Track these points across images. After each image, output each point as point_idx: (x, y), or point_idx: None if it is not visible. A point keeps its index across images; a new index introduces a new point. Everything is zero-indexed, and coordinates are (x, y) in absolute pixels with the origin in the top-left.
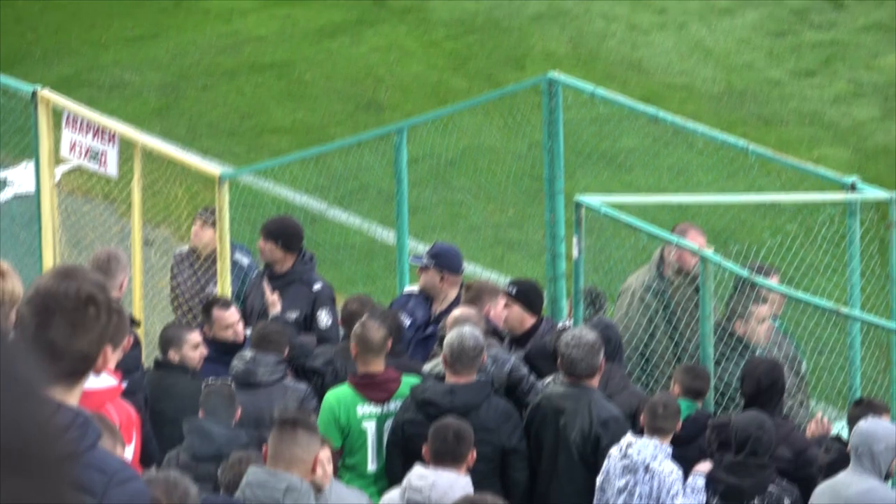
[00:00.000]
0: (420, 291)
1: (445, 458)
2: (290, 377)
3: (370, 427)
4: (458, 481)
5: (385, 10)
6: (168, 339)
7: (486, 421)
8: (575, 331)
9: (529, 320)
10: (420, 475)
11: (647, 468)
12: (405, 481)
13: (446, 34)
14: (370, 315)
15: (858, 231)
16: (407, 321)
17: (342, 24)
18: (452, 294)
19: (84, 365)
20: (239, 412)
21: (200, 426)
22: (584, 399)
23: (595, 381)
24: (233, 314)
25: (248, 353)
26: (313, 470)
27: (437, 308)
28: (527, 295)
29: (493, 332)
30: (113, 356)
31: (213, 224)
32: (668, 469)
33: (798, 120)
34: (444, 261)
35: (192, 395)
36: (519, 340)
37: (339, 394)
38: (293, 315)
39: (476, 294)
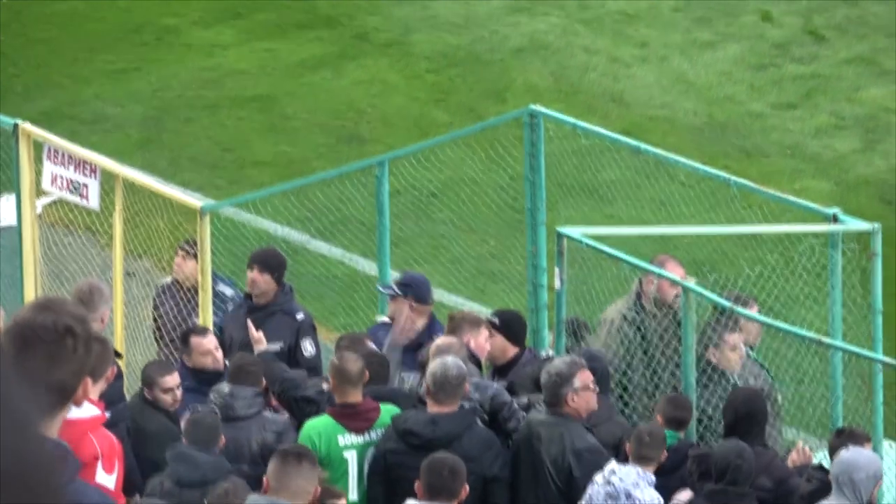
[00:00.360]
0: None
1: (441, 493)
2: (269, 410)
3: (351, 457)
4: None
5: (367, 43)
6: (145, 379)
7: (468, 450)
8: (556, 362)
9: (512, 350)
10: None
11: (628, 495)
12: None
13: (428, 67)
14: (347, 347)
15: (840, 262)
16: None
17: (324, 57)
18: (420, 323)
19: (62, 397)
20: (223, 441)
21: (185, 453)
22: (560, 428)
23: (571, 409)
24: (210, 340)
25: (225, 387)
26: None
27: (401, 336)
28: (509, 325)
29: (472, 360)
30: (95, 387)
31: (195, 256)
32: (650, 497)
33: (780, 152)
34: (414, 290)
35: (165, 433)
36: (501, 370)
37: (319, 424)
38: (277, 346)
39: (457, 324)
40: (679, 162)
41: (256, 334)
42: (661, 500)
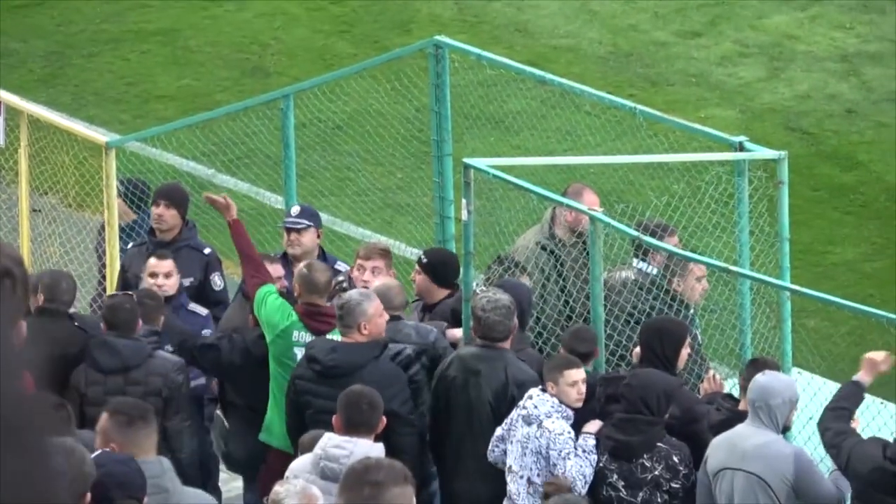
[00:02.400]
0: (281, 257)
1: (359, 427)
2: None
3: (299, 354)
4: (373, 449)
5: None
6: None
7: (367, 383)
8: (489, 294)
9: (440, 293)
10: (337, 444)
11: (540, 424)
12: (319, 451)
13: None
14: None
15: (747, 190)
16: None
17: None
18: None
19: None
20: (140, 324)
21: (105, 341)
22: (500, 361)
23: (508, 344)
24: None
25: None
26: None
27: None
28: (434, 268)
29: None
30: (24, 325)
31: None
32: (560, 429)
33: (684, 81)
34: (319, 219)
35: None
36: (430, 308)
37: (288, 309)
38: (187, 281)
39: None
40: (584, 91)
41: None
42: (572, 433)
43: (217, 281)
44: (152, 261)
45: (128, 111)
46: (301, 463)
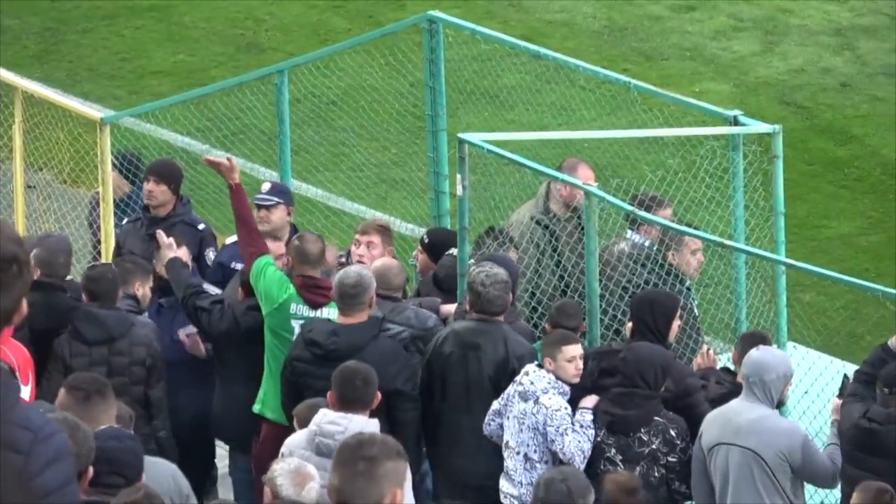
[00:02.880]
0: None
1: (354, 403)
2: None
3: (296, 326)
4: (368, 425)
5: None
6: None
7: (369, 362)
8: (486, 268)
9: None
10: (331, 420)
11: (536, 400)
12: (314, 426)
13: None
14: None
15: (741, 164)
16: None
17: None
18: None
19: (6, 321)
20: (120, 293)
21: (89, 312)
22: (499, 335)
23: (503, 317)
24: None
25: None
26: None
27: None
28: (435, 248)
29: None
30: (25, 308)
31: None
32: (557, 405)
33: (679, 55)
34: (289, 196)
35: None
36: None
37: (287, 282)
38: (230, 240)
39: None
40: (579, 66)
41: (167, 240)
42: (569, 409)
43: (211, 256)
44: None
45: (122, 87)
46: (297, 439)
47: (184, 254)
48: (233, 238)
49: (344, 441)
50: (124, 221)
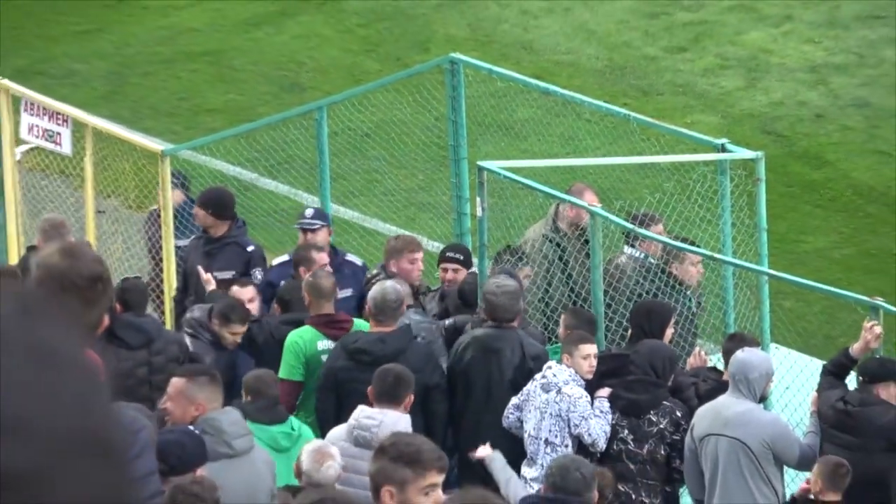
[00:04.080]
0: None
1: (389, 399)
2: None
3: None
4: (401, 420)
5: (304, 1)
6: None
7: (413, 363)
8: (498, 279)
9: None
10: (368, 415)
11: (559, 390)
12: (352, 420)
13: (359, 22)
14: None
15: (729, 187)
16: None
17: (266, 15)
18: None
19: (92, 334)
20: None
21: (127, 320)
22: (515, 339)
23: (517, 323)
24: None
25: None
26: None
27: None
28: (470, 259)
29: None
30: (105, 320)
31: (180, 185)
32: (578, 393)
33: (672, 90)
34: (329, 220)
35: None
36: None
37: (302, 333)
38: (229, 274)
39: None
40: (584, 101)
41: (206, 276)
42: (588, 397)
43: (258, 275)
44: (235, 287)
45: (180, 123)
46: (338, 431)
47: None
48: (281, 258)
49: (385, 438)
50: (191, 238)
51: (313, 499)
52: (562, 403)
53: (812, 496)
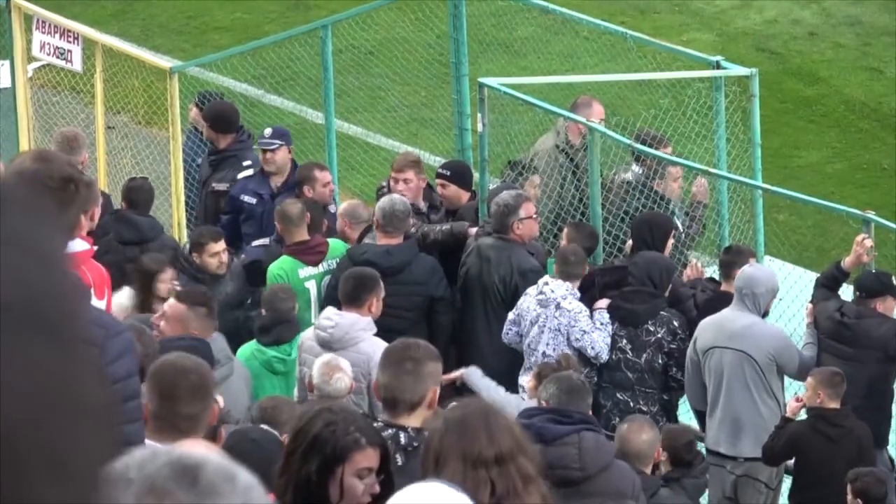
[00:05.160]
0: (258, 172)
1: (350, 301)
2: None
3: (311, 286)
4: (359, 321)
5: None
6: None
7: (417, 276)
8: (503, 195)
9: (465, 195)
10: (326, 316)
11: (558, 306)
12: (316, 321)
13: None
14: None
15: (723, 103)
16: (253, 200)
17: None
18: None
19: (70, 234)
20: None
21: (125, 215)
22: (508, 251)
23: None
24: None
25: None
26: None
27: (278, 181)
28: (461, 175)
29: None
30: (85, 223)
31: (196, 105)
32: (577, 308)
33: (669, 9)
34: (288, 138)
35: None
36: (454, 212)
37: (281, 264)
38: (223, 186)
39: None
40: (582, 19)
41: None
42: (587, 311)
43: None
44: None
45: (188, 41)
46: (308, 333)
47: None
48: (245, 173)
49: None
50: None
51: (314, 409)
52: (561, 318)
53: (813, 407)
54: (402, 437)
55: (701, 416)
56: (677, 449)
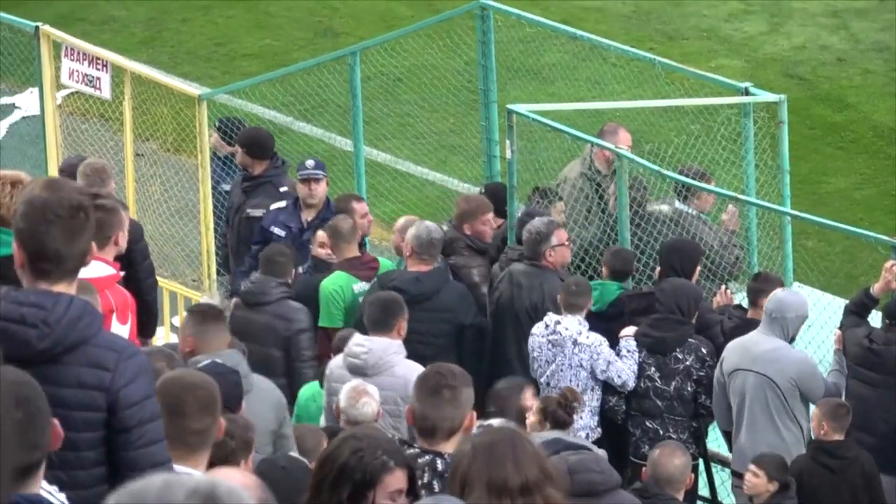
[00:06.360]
0: (292, 203)
1: (376, 326)
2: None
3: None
4: (391, 345)
5: None
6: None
7: (446, 303)
8: (535, 222)
9: (498, 221)
10: (357, 343)
11: (575, 342)
12: (346, 348)
13: None
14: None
15: (752, 129)
16: (282, 232)
17: None
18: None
19: (80, 262)
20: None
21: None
22: (540, 278)
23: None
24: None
25: (254, 275)
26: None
27: (311, 214)
28: (491, 196)
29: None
30: (107, 250)
31: (217, 129)
32: (596, 340)
33: (697, 35)
34: (326, 170)
35: None
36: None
37: (335, 279)
38: (260, 212)
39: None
40: (610, 46)
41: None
42: (605, 340)
43: None
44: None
45: (217, 68)
46: (336, 361)
47: None
48: (279, 204)
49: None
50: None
51: (338, 438)
52: (582, 354)
53: (816, 439)
54: (440, 464)
55: (729, 436)
56: (778, 472)
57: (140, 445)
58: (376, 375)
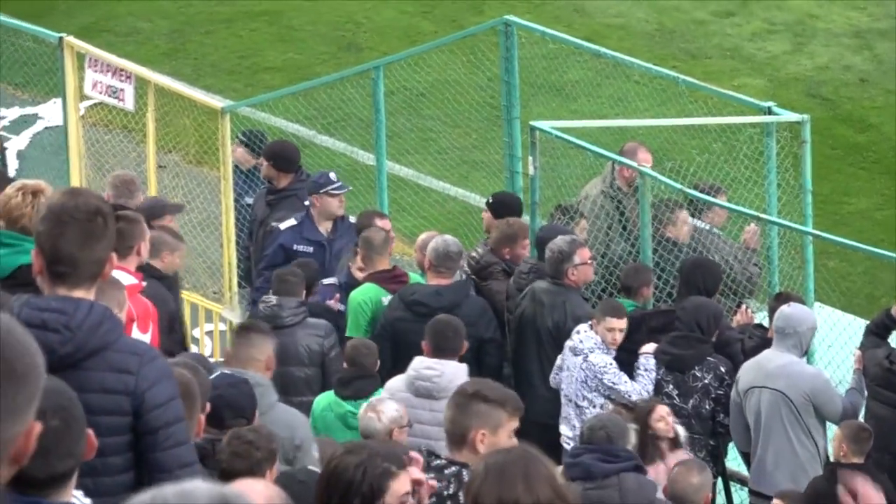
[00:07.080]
0: (303, 219)
1: (447, 351)
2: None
3: None
4: (460, 369)
5: None
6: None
7: (467, 316)
8: (557, 240)
9: (495, 224)
10: (428, 366)
11: (585, 357)
12: (412, 371)
13: None
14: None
15: (775, 149)
16: (309, 248)
17: None
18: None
19: (99, 268)
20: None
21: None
22: (562, 296)
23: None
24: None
25: (272, 298)
26: (268, 368)
27: (328, 226)
28: (498, 204)
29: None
30: (129, 260)
31: (242, 143)
32: (603, 362)
33: (720, 54)
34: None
35: None
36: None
37: (365, 291)
38: (287, 224)
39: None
40: (633, 63)
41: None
42: (614, 364)
43: None
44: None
45: (240, 81)
46: (396, 382)
47: None
48: (289, 223)
49: (462, 386)
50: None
51: (336, 456)
52: (587, 370)
53: (834, 461)
54: (466, 475)
55: (747, 457)
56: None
57: (168, 447)
58: (443, 399)
